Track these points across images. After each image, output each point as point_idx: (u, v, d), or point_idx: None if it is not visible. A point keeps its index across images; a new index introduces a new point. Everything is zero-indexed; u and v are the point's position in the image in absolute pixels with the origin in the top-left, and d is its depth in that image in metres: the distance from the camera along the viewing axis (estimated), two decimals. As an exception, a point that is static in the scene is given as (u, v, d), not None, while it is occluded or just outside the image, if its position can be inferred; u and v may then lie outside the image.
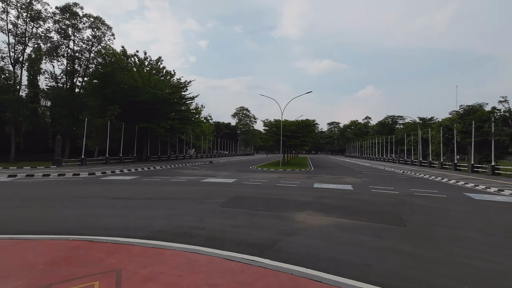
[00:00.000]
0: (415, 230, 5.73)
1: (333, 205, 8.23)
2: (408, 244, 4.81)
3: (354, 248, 4.57)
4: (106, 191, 10.49)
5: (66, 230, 5.35)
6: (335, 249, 4.52)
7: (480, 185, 13.59)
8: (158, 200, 8.68)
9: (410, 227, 5.93)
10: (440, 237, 5.31)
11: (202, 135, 51.95)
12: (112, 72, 27.75)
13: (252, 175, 18.27)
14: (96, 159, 26.96)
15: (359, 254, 4.32)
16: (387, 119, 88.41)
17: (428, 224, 6.30)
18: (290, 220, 6.36)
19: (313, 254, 4.26)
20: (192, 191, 10.62)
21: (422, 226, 6.07)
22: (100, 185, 12.23)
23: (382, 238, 5.15)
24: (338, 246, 4.65)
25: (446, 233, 5.57)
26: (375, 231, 5.58)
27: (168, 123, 30.35)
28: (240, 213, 6.96)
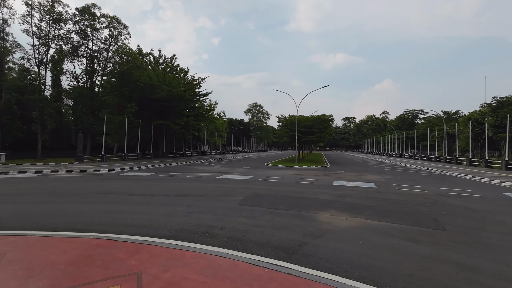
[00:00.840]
0: (457, 235, 5.15)
1: (357, 205, 7.73)
2: (453, 252, 4.28)
3: (390, 255, 4.12)
4: (125, 187, 10.58)
5: (88, 226, 5.30)
6: (369, 255, 4.09)
7: (519, 184, 12.41)
8: (176, 197, 8.58)
9: (451, 231, 5.35)
10: (489, 244, 4.71)
11: (215, 132, 52.23)
12: (129, 70, 28.29)
13: (268, 171, 17.94)
14: (115, 155, 27.75)
15: (398, 261, 3.87)
16: (407, 114, 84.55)
17: (471, 228, 5.67)
18: (313, 221, 5.97)
19: (345, 260, 3.87)
20: (208, 188, 10.47)
21: (464, 230, 5.46)
22: (119, 181, 12.41)
23: (421, 243, 4.64)
24: (371, 252, 4.21)
25: (495, 239, 4.94)
26: (411, 235, 5.07)
27: (183, 120, 30.61)
28: (260, 212, 6.66)
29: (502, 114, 21.85)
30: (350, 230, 5.31)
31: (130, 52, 29.95)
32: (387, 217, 6.42)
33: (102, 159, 24.09)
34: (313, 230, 5.24)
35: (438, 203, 8.11)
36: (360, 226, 5.64)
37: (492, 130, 23.60)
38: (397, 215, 6.63)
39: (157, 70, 31.97)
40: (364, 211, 6.99)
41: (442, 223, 5.95)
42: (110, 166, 19.45)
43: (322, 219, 6.13)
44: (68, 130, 34.54)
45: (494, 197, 9.47)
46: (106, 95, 30.44)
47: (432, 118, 58.53)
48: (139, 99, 30.60)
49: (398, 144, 54.05)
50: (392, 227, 5.55)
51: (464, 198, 9.15)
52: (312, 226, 5.51)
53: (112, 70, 30.24)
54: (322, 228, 5.39)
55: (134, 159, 28.24)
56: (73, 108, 31.53)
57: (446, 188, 11.48)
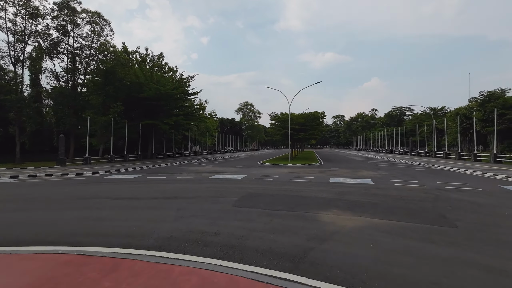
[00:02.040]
0: (471, 232, 4.79)
1: (359, 202, 7.32)
2: (474, 252, 3.89)
3: (407, 259, 3.67)
4: (109, 191, 9.78)
5: (61, 237, 4.59)
6: (385, 260, 3.63)
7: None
8: (165, 200, 7.90)
9: (464, 228, 4.99)
10: (509, 241, 4.36)
11: (206, 131, 51.25)
12: (113, 68, 27.04)
13: (261, 170, 17.42)
14: (101, 157, 26.48)
15: (418, 267, 3.42)
16: (395, 110, 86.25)
17: (483, 223, 5.35)
18: (316, 221, 5.48)
19: (359, 267, 3.39)
20: (200, 189, 9.83)
21: (477, 227, 5.12)
22: (103, 185, 11.55)
23: (436, 243, 4.23)
24: (386, 256, 3.76)
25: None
26: (423, 234, 4.66)
27: (172, 119, 29.63)
28: (257, 214, 6.11)
29: (490, 108, 22.27)
30: (358, 231, 4.85)
31: (114, 49, 28.65)
32: (392, 214, 6.03)
33: (86, 162, 22.86)
34: (317, 233, 4.75)
35: (441, 198, 7.83)
36: (367, 226, 5.20)
37: (480, 124, 24.06)
38: (402, 212, 6.26)
39: (144, 68, 30.81)
40: (367, 209, 6.58)
41: (451, 219, 5.60)
42: (94, 168, 18.37)
43: (325, 219, 5.66)
44: (50, 132, 32.77)
45: (493, 190, 9.32)
46: (90, 94, 29.00)
47: (419, 114, 59.78)
48: (125, 99, 29.38)
49: (387, 141, 54.87)
50: (401, 226, 5.14)
51: (464, 192, 8.95)
52: (315, 228, 5.02)
53: (96, 68, 28.83)
54: (327, 230, 4.91)
55: (121, 161, 27.05)
56: (54, 109, 29.85)
57: (443, 182, 11.33)
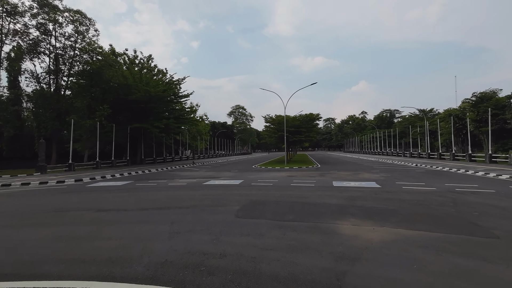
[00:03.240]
0: (520, 244, 4.13)
1: (375, 209, 6.61)
2: (542, 272, 3.20)
3: (469, 285, 2.93)
4: (92, 202, 8.67)
5: (21, 268, 3.59)
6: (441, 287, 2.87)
7: (517, 176, 12.19)
8: (156, 211, 6.93)
9: (508, 239, 4.33)
10: None
11: (198, 135, 49.97)
12: (100, 69, 25.66)
13: (259, 174, 16.59)
14: (86, 163, 24.88)
15: (488, 297, 2.68)
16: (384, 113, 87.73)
17: (524, 232, 4.72)
18: (336, 235, 4.70)
19: (415, 301, 2.61)
20: (196, 197, 8.89)
21: (521, 237, 4.47)
22: (86, 194, 10.39)
23: (490, 261, 3.52)
24: (441, 282, 3.00)
25: None
26: (467, 248, 3.96)
27: (163, 122, 28.40)
28: (265, 226, 5.27)
29: (483, 108, 22.46)
30: (389, 246, 4.10)
31: (100, 50, 27.24)
32: (418, 223, 5.33)
33: (70, 168, 21.31)
34: (344, 250, 3.96)
35: (459, 202, 7.25)
36: (397, 238, 4.46)
37: (474, 125, 24.25)
38: (427, 220, 5.58)
39: (133, 70, 29.52)
40: (387, 216, 5.87)
41: (486, 227, 4.96)
42: (78, 176, 16.99)
43: (346, 231, 4.89)
44: (31, 137, 30.72)
45: (507, 192, 8.87)
46: (74, 97, 27.42)
47: (408, 116, 60.77)
48: (112, 101, 27.94)
49: (379, 142, 55.32)
50: (436, 238, 4.43)
51: (479, 194, 8.44)
52: (339, 243, 4.23)
53: (81, 69, 27.33)
54: (354, 246, 4.13)
55: (108, 167, 25.55)
56: (34, 112, 28.01)
57: (452, 184, 10.87)
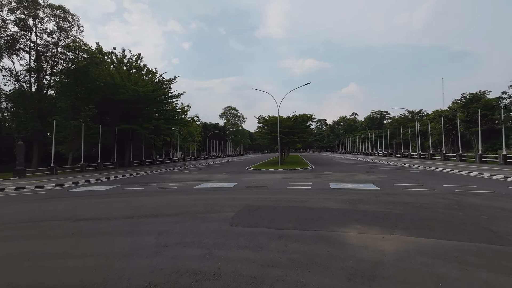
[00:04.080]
0: (545, 253, 3.77)
1: (379, 214, 6.21)
2: None
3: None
4: (71, 209, 7.89)
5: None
6: (479, 313, 2.43)
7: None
8: (142, 220, 6.27)
9: (531, 247, 3.98)
10: None
11: (189, 137, 48.92)
12: (85, 68, 24.51)
13: (252, 177, 16.06)
14: (70, 167, 23.63)
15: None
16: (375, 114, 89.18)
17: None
18: (343, 245, 4.23)
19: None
20: (186, 203, 8.26)
21: (543, 244, 4.13)
22: (66, 200, 9.55)
23: (522, 275, 3.13)
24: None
25: None
26: (490, 260, 3.56)
27: (152, 124, 27.44)
28: (264, 236, 4.75)
29: (473, 109, 22.82)
30: (405, 259, 3.65)
31: (86, 48, 26.05)
32: (428, 229, 4.94)
33: (52, 172, 20.10)
34: (355, 265, 3.48)
35: (464, 205, 6.95)
36: (411, 248, 4.03)
37: (464, 125, 24.63)
38: (437, 225, 5.20)
39: (121, 69, 28.42)
40: (394, 222, 5.46)
41: (501, 233, 4.61)
42: (59, 180, 15.95)
43: (354, 240, 4.42)
44: (9, 139, 29.05)
45: (508, 193, 8.70)
46: (58, 97, 26.11)
47: (398, 117, 61.80)
48: (99, 101, 26.79)
49: (370, 143, 55.90)
50: (453, 247, 4.03)
51: (481, 196, 8.21)
52: (349, 256, 3.75)
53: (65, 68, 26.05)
54: (366, 259, 3.66)
55: (94, 170, 24.38)
56: (14, 113, 26.47)
57: (450, 185, 10.69)
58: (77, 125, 23.91)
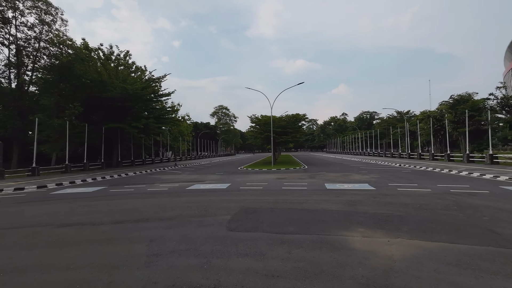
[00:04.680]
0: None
1: (381, 215, 6.06)
2: None
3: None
4: (54, 214, 7.33)
5: None
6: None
7: (502, 176, 12.46)
8: (132, 225, 5.85)
9: (540, 250, 3.89)
10: None
11: (180, 136, 47.99)
12: (70, 64, 23.39)
13: (246, 177, 15.76)
14: (54, 167, 22.51)
15: None
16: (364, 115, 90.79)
17: (549, 240, 4.32)
18: (349, 250, 4.01)
19: None
20: (179, 205, 7.86)
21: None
22: (48, 204, 8.93)
23: (539, 281, 2.99)
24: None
25: None
26: (504, 266, 3.43)
27: (142, 122, 26.62)
28: (265, 242, 4.46)
29: (461, 110, 23.43)
30: (416, 266, 3.46)
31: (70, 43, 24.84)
32: (433, 232, 4.81)
33: (33, 173, 19.03)
34: (366, 273, 3.26)
35: (463, 205, 6.93)
36: (420, 254, 3.85)
37: (452, 126, 25.27)
38: (440, 228, 5.09)
39: (108, 65, 27.37)
40: (397, 225, 5.31)
41: (507, 235, 4.53)
42: (42, 181, 15.07)
43: (359, 245, 4.21)
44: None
45: (502, 193, 8.80)
46: (40, 93, 24.83)
47: (387, 118, 63.14)
48: (85, 99, 25.71)
49: (360, 143, 56.79)
50: (463, 252, 3.88)
51: (476, 196, 8.26)
52: (358, 263, 3.53)
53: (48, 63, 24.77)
54: (375, 266, 3.45)
55: (79, 170, 23.34)
56: (-10, 110, 25.00)
57: (443, 185, 10.77)
58: (61, 124, 22.82)
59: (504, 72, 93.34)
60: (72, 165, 22.97)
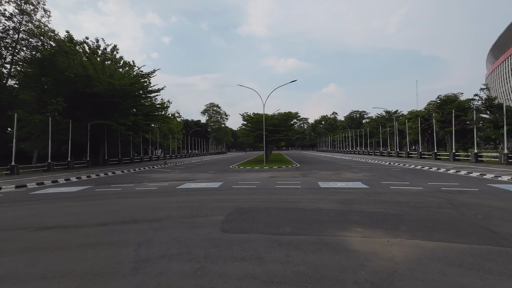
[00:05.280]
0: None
1: (377, 215, 5.97)
2: None
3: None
4: (33, 216, 6.83)
5: None
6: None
7: (487, 174, 12.80)
8: (118, 227, 5.48)
9: (539, 249, 3.86)
10: None
11: (170, 134, 46.99)
12: (52, 57, 22.23)
13: (238, 176, 15.50)
14: (35, 165, 21.40)
15: None
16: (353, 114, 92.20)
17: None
18: (349, 252, 3.85)
19: None
20: (169, 205, 7.52)
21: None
22: (27, 205, 8.34)
23: (545, 282, 2.92)
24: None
25: None
26: (505, 265, 3.36)
27: (130, 119, 25.76)
28: (261, 244, 4.24)
29: (448, 110, 24.06)
30: (420, 267, 3.34)
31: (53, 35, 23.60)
32: (431, 231, 4.75)
33: (12, 172, 17.99)
34: (369, 276, 3.10)
35: (456, 203, 6.97)
36: (422, 254, 3.74)
37: (439, 125, 25.95)
38: (437, 226, 5.04)
39: (94, 60, 26.24)
40: (395, 224, 5.23)
41: (504, 234, 4.52)
42: (21, 180, 14.23)
43: (359, 246, 4.06)
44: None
45: (490, 190, 8.97)
46: (20, 88, 23.51)
47: (376, 117, 64.36)
48: (69, 94, 24.58)
49: (350, 142, 57.63)
50: (464, 252, 3.80)
51: (467, 194, 8.37)
52: (360, 266, 3.37)
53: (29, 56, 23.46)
54: (378, 268, 3.30)
55: (63, 169, 22.32)
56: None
57: (434, 183, 10.92)
58: (43, 120, 21.71)
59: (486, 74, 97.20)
60: (55, 163, 21.92)
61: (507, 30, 72.18)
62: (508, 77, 76.33)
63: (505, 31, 73.34)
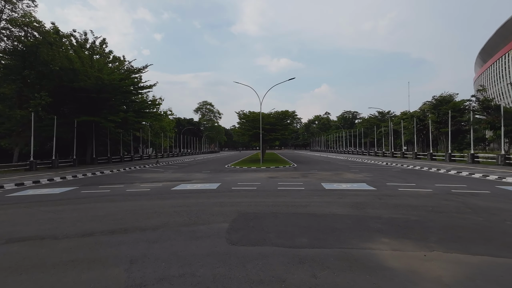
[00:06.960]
0: None
1: (398, 221, 5.43)
2: None
3: None
4: (5, 223, 5.93)
5: None
6: None
7: (490, 175, 12.62)
8: (106, 239, 4.70)
9: None
10: None
11: (161, 132, 45.68)
12: (35, 48, 20.77)
13: (235, 176, 14.81)
14: (15, 164, 19.96)
15: None
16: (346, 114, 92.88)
17: None
18: (385, 270, 3.26)
19: None
20: (165, 210, 6.75)
21: None
22: (1, 209, 7.37)
23: None
24: None
25: None
26: None
27: (120, 116, 24.58)
28: (278, 260, 3.59)
29: (443, 110, 24.12)
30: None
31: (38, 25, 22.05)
32: (467, 242, 4.22)
33: (-10, 171, 16.61)
34: (423, 308, 2.49)
35: (474, 208, 6.54)
36: (470, 274, 3.19)
37: (434, 126, 26.03)
38: (469, 235, 4.53)
39: (82, 53, 24.85)
40: (421, 233, 4.69)
41: (546, 245, 4.04)
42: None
43: (393, 263, 3.48)
44: None
45: (502, 193, 8.65)
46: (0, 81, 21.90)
47: (369, 117, 64.88)
48: (54, 89, 23.20)
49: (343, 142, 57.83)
50: (515, 268, 3.28)
51: (479, 196, 8.00)
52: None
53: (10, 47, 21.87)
54: (429, 295, 2.71)
55: (47, 168, 20.98)
56: None
57: (440, 184, 10.58)
58: (25, 115, 20.30)
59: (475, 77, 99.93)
60: (38, 162, 20.58)
61: (495, 34, 74.32)
62: (497, 79, 78.73)
63: (493, 36, 75.51)
